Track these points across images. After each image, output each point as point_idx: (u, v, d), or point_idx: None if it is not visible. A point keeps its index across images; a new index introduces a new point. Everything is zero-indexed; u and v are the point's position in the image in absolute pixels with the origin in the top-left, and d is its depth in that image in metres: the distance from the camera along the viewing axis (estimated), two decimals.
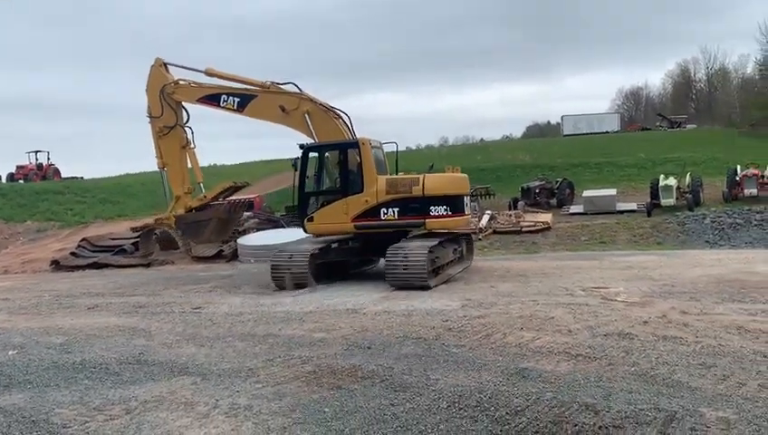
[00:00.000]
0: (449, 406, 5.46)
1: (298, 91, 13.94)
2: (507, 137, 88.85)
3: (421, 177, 12.81)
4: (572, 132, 60.89)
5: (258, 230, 21.10)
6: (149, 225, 21.97)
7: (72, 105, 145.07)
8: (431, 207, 12.50)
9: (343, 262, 13.93)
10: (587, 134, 57.26)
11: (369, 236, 13.19)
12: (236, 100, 14.34)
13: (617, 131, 61.24)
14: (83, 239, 22.30)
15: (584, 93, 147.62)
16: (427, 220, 12.57)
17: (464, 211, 13.22)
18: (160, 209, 29.62)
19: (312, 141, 13.45)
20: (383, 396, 5.80)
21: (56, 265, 20.09)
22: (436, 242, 12.42)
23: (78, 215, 29.45)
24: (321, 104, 13.83)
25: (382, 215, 12.64)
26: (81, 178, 42.29)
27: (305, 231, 13.53)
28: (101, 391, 6.43)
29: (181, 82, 14.90)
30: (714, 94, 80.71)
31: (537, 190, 24.43)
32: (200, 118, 15.71)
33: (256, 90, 14.28)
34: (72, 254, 20.95)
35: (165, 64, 15.04)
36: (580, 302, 9.72)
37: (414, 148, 68.64)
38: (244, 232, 20.92)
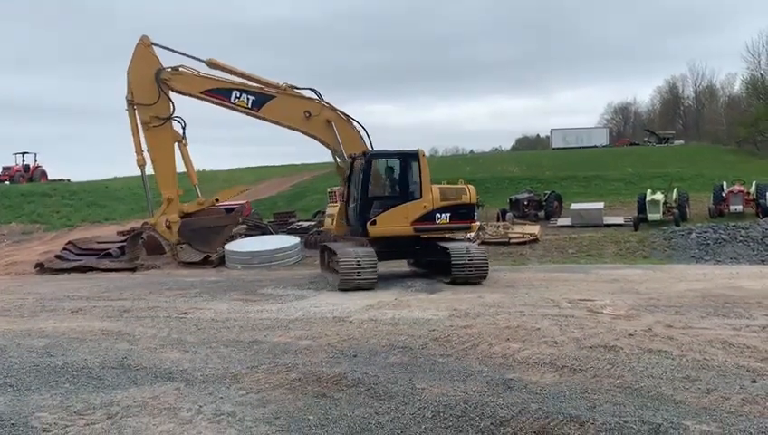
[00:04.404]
0: (434, 416, 5.44)
1: (317, 97, 13.81)
2: (497, 149, 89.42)
3: (467, 186, 14.33)
4: (561, 146, 61.26)
5: (246, 236, 21.01)
6: (137, 229, 21.88)
7: (58, 107, 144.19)
8: (474, 213, 14.35)
9: None
10: (575, 148, 57.59)
11: (391, 241, 13.98)
12: (251, 98, 13.43)
13: (605, 146, 61.69)
14: (69, 242, 22.09)
15: (574, 108, 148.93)
16: (471, 224, 14.46)
17: None
18: (147, 214, 29.55)
19: (336, 150, 14.08)
20: (368, 405, 5.78)
21: (41, 267, 19.86)
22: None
23: (64, 218, 29.21)
24: (341, 113, 13.93)
25: (436, 219, 13.80)
26: (69, 180, 41.96)
27: (366, 234, 13.85)
28: (83, 395, 6.35)
29: (182, 69, 13.36)
30: (701, 111, 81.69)
31: (525, 202, 24.51)
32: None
33: (272, 91, 13.69)
34: (58, 257, 20.75)
35: (152, 45, 13.22)
36: (566, 314, 9.75)
37: None
38: (232, 238, 20.80)
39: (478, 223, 16.09)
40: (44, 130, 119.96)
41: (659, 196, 21.98)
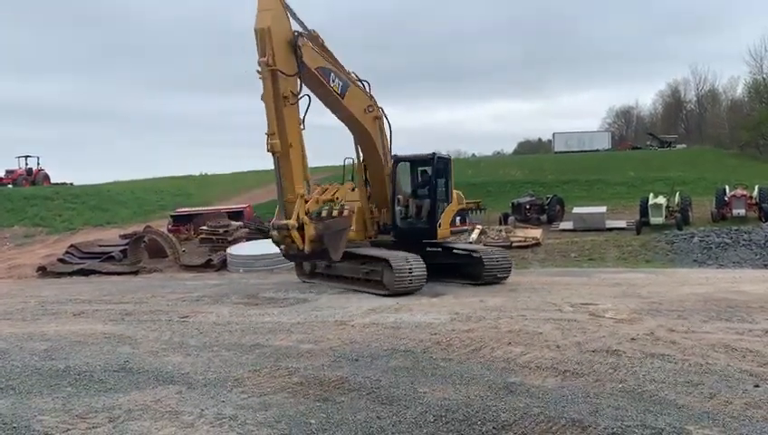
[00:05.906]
0: (436, 420, 5.44)
1: (368, 91, 13.26)
2: (499, 153, 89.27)
3: (460, 192, 15.00)
4: (563, 150, 61.20)
5: (248, 240, 21.02)
6: (139, 232, 21.89)
7: (60, 111, 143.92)
8: (467, 217, 15.20)
9: None
10: (578, 152, 57.52)
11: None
12: (340, 83, 12.17)
13: (607, 150, 61.60)
14: (71, 245, 22.08)
15: (576, 111, 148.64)
16: (467, 227, 15.30)
17: None
18: (149, 217, 29.56)
19: (378, 148, 13.80)
20: (370, 409, 5.77)
21: (43, 271, 19.87)
22: None
23: (67, 221, 29.23)
24: (381, 111, 13.74)
25: (457, 222, 14.54)
26: (71, 184, 42.02)
27: (434, 237, 14.07)
28: (85, 398, 6.35)
29: (306, 40, 11.49)
30: (703, 115, 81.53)
31: (527, 206, 24.50)
32: (177, 121, 12.86)
33: (347, 77, 12.64)
34: (60, 260, 20.74)
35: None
36: (568, 318, 9.74)
37: None
38: (234, 241, 20.83)
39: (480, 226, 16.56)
40: (46, 134, 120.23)
41: (662, 200, 21.97)
